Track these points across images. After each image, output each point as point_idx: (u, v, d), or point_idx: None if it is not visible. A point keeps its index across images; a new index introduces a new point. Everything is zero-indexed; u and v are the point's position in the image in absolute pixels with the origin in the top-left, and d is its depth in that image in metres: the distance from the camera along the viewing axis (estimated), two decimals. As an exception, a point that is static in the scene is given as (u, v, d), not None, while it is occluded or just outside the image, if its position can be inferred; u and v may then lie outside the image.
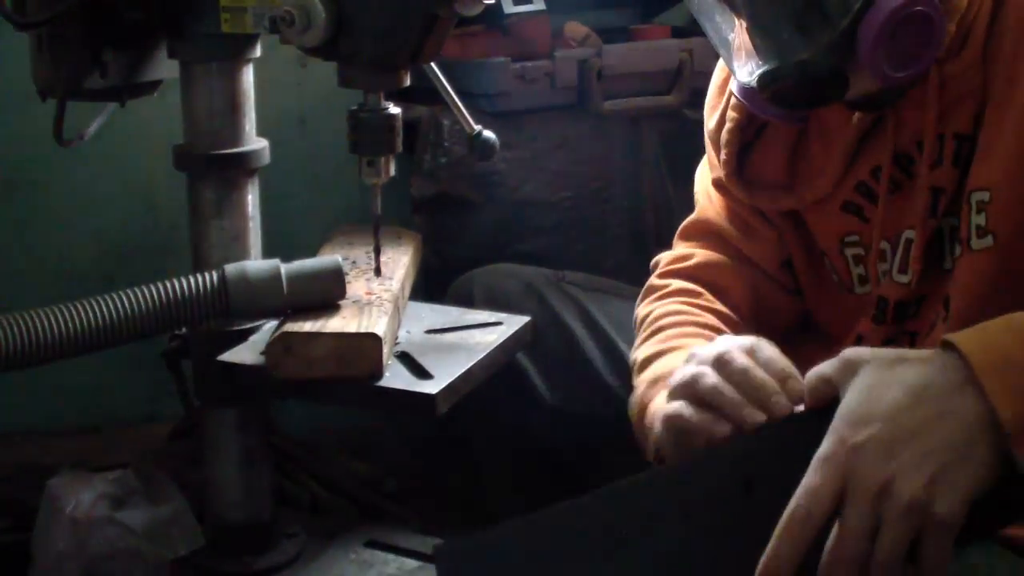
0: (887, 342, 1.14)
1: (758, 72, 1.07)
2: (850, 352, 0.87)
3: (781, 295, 1.27)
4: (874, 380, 0.83)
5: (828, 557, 0.80)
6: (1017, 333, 0.83)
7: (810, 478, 0.81)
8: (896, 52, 1.02)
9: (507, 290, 1.46)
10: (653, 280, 1.30)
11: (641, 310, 1.27)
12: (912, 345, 1.14)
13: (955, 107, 1.09)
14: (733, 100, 1.21)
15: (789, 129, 1.20)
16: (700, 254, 1.28)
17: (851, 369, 0.85)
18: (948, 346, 0.84)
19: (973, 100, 1.08)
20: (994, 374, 0.81)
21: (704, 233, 1.30)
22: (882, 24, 1.00)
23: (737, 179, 1.23)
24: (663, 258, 1.33)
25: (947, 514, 0.78)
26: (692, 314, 1.22)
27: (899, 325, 1.14)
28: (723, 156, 1.23)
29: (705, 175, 1.31)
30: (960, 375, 0.82)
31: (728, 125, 1.23)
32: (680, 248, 1.32)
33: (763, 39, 1.08)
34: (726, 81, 1.23)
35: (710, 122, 1.27)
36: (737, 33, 1.12)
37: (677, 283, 1.27)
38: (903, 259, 1.13)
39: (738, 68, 1.12)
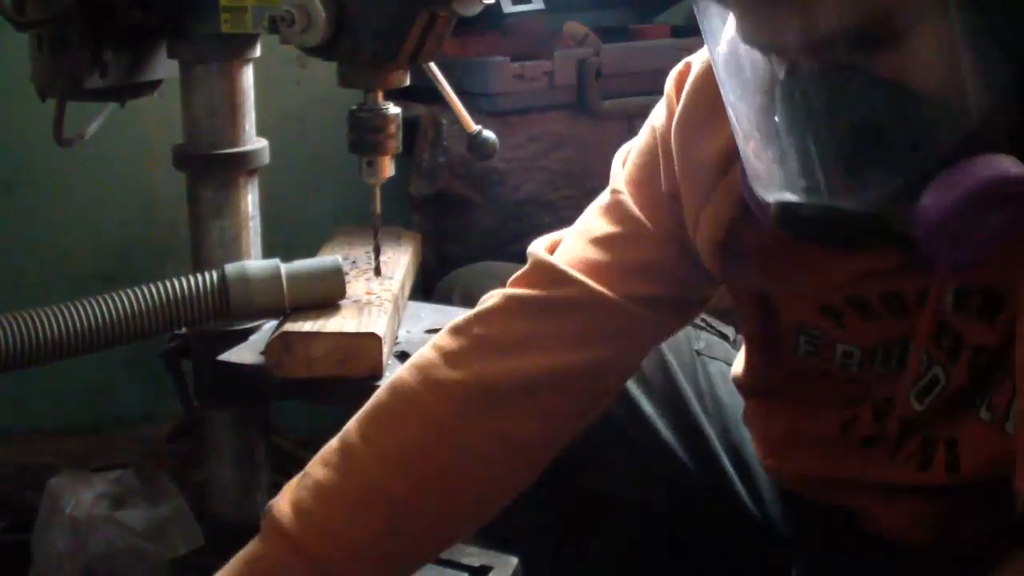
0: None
1: (774, 200, 0.83)
2: None
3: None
4: None
5: None
6: None
7: None
8: (967, 231, 0.74)
9: (486, 289, 1.46)
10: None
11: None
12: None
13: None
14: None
15: None
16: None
17: None
18: None
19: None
20: None
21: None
22: (965, 195, 0.73)
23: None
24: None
25: None
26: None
27: None
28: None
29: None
30: None
31: None
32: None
33: (801, 161, 0.79)
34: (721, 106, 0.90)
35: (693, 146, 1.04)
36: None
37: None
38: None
39: (754, 181, 0.85)
